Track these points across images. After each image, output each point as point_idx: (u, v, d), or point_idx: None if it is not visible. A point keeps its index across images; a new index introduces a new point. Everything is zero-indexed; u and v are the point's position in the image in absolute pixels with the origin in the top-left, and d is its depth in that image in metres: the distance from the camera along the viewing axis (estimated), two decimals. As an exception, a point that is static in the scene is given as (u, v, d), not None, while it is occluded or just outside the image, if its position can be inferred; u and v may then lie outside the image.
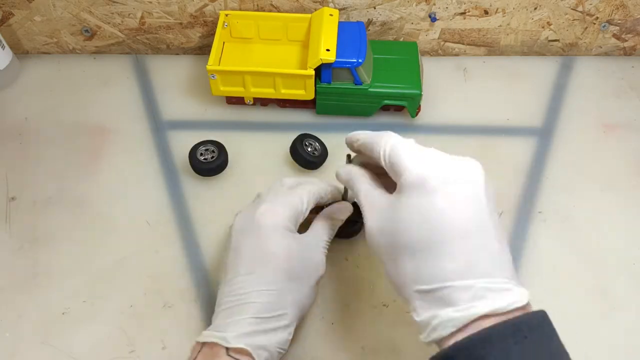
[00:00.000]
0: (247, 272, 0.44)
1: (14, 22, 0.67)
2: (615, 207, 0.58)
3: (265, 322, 0.42)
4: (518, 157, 0.62)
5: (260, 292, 0.42)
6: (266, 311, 0.42)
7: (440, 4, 0.65)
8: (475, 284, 0.33)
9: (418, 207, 0.36)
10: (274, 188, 0.49)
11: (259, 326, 0.41)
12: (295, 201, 0.47)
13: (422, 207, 0.36)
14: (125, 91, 0.67)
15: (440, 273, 0.35)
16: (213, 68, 0.60)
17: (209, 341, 0.41)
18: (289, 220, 0.46)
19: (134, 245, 0.55)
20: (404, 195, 0.38)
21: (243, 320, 0.41)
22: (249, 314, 0.42)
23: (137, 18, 0.67)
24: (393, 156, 0.39)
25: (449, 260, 0.35)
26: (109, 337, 0.49)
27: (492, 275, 0.34)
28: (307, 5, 0.65)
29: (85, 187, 0.59)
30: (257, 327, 0.41)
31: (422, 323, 0.35)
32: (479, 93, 0.68)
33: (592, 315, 0.51)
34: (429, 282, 0.35)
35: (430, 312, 0.34)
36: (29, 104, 0.66)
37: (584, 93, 0.68)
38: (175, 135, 0.63)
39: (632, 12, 0.67)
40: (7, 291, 0.52)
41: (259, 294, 0.42)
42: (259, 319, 0.42)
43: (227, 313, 0.43)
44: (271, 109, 0.65)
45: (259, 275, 0.43)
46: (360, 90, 0.61)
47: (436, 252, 0.35)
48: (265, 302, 0.42)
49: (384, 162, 0.40)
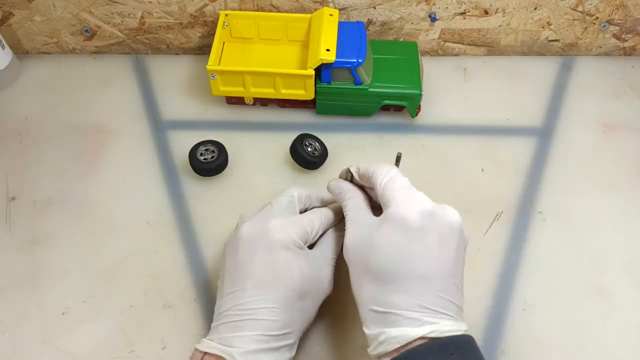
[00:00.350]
0: (256, 287, 0.43)
1: (14, 22, 0.67)
2: (615, 207, 0.58)
3: (272, 340, 0.42)
4: (518, 157, 0.62)
5: (269, 310, 0.42)
6: (273, 329, 0.42)
7: (440, 4, 0.65)
8: (421, 317, 0.38)
9: (393, 242, 0.41)
10: (285, 201, 0.48)
11: (266, 344, 0.41)
12: (307, 223, 0.46)
13: (396, 243, 0.40)
14: (125, 91, 0.67)
15: (393, 302, 0.39)
16: (213, 68, 0.60)
17: (213, 352, 0.41)
18: (300, 238, 0.45)
19: (134, 245, 0.55)
20: (384, 225, 0.41)
21: (250, 337, 0.41)
22: (257, 331, 0.41)
23: (137, 18, 0.67)
24: (387, 188, 0.43)
25: (405, 296, 0.39)
26: (109, 337, 0.49)
27: (437, 312, 0.39)
28: (307, 5, 0.65)
29: (85, 187, 0.59)
30: (264, 345, 0.41)
31: (370, 336, 0.40)
32: (479, 93, 0.68)
33: (592, 315, 0.51)
34: (382, 306, 0.40)
35: (379, 329, 0.39)
36: (29, 104, 0.66)
37: (584, 93, 0.68)
38: (175, 135, 0.63)
39: (632, 12, 0.67)
40: (7, 291, 0.52)
41: (268, 312, 0.42)
42: (266, 337, 0.41)
43: (232, 326, 0.42)
44: (271, 109, 0.65)
45: (269, 293, 0.43)
46: (360, 90, 0.61)
47: (396, 286, 0.40)
48: (273, 320, 0.42)
49: (379, 190, 0.44)
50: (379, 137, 0.63)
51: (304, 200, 0.49)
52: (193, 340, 0.49)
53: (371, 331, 0.40)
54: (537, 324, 0.50)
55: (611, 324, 0.50)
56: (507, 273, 0.53)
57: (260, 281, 0.43)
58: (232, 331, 0.42)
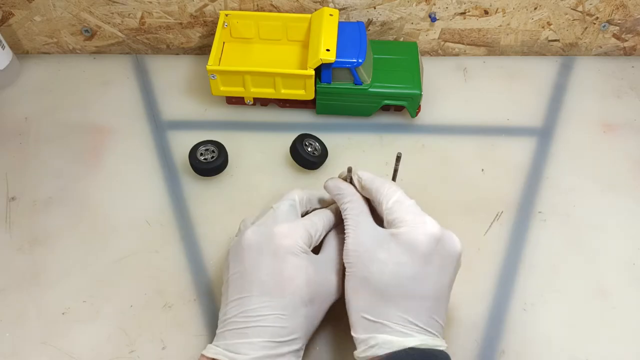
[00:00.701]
0: (262, 293, 0.43)
1: (14, 22, 0.67)
2: (615, 207, 0.58)
3: (279, 346, 0.42)
4: (518, 157, 0.62)
5: (275, 316, 0.42)
6: (280, 336, 0.42)
7: (440, 4, 0.65)
8: (411, 333, 0.41)
9: (399, 261, 0.42)
10: (287, 205, 0.48)
11: (272, 350, 0.41)
12: (310, 227, 0.46)
13: (403, 262, 0.42)
14: (125, 91, 0.67)
15: (388, 315, 0.41)
16: (213, 68, 0.60)
17: (219, 359, 0.41)
18: (305, 243, 0.45)
19: (134, 245, 0.55)
20: (393, 243, 0.42)
21: (257, 343, 0.41)
22: (263, 337, 0.41)
23: (137, 18, 0.67)
24: (395, 209, 0.44)
25: (401, 313, 0.41)
26: (109, 337, 0.49)
27: (426, 330, 0.41)
28: (307, 5, 0.65)
29: (85, 187, 0.59)
30: (271, 352, 0.41)
31: (358, 340, 0.42)
32: (479, 93, 0.68)
33: (592, 315, 0.51)
34: (375, 317, 0.41)
35: (369, 335, 0.41)
36: (29, 104, 0.66)
37: (584, 93, 0.68)
38: (175, 135, 0.63)
39: (632, 12, 0.67)
40: (7, 291, 0.52)
41: (275, 318, 0.42)
42: (273, 343, 0.41)
43: (238, 333, 0.42)
44: (271, 109, 0.65)
45: (275, 299, 0.43)
46: (360, 90, 0.61)
47: (394, 302, 0.41)
48: (279, 326, 0.42)
49: (385, 209, 0.44)
50: (379, 137, 0.63)
51: (305, 203, 0.49)
52: (193, 340, 0.49)
53: (360, 335, 0.42)
54: (537, 324, 0.50)
55: (611, 324, 0.50)
56: (507, 273, 0.53)
57: (266, 288, 0.43)
58: (238, 338, 0.42)
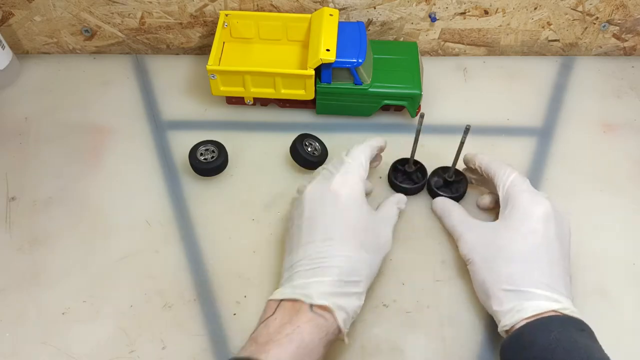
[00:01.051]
0: (325, 238, 0.46)
1: (14, 22, 0.67)
2: (615, 207, 0.58)
3: (346, 285, 0.44)
4: (518, 157, 0.62)
5: (340, 258, 0.45)
6: (347, 275, 0.44)
7: (440, 4, 0.65)
8: (552, 296, 0.45)
9: (522, 231, 0.48)
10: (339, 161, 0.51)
11: (340, 288, 0.44)
12: (362, 170, 0.50)
13: (526, 231, 0.47)
14: (125, 91, 0.67)
15: (528, 280, 0.45)
16: (213, 68, 0.60)
17: (290, 298, 0.43)
18: (362, 192, 0.49)
19: (134, 245, 0.55)
20: (511, 219, 0.49)
21: (325, 282, 0.43)
22: (331, 276, 0.44)
23: (137, 18, 0.67)
24: (511, 192, 0.50)
25: (538, 274, 0.46)
26: (109, 337, 0.49)
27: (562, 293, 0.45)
28: (307, 5, 0.65)
29: (85, 187, 0.59)
30: (339, 289, 0.44)
31: (502, 311, 0.45)
32: (479, 93, 0.68)
33: (592, 315, 0.51)
34: (515, 285, 0.45)
35: (514, 303, 0.45)
36: (29, 104, 0.66)
37: (584, 93, 0.68)
38: (175, 135, 0.63)
39: (632, 12, 0.67)
40: (7, 291, 0.52)
41: (340, 259, 0.45)
42: (340, 282, 0.44)
43: (306, 274, 0.44)
44: (271, 109, 0.65)
45: (338, 242, 0.46)
46: (360, 90, 0.61)
47: (530, 265, 0.46)
48: (345, 266, 0.45)
49: (501, 192, 0.51)
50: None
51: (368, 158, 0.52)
52: (193, 340, 0.49)
53: (504, 307, 0.45)
54: (537, 324, 0.50)
55: (611, 324, 0.50)
56: (507, 273, 0.53)
57: (329, 233, 0.46)
58: (306, 277, 0.44)
